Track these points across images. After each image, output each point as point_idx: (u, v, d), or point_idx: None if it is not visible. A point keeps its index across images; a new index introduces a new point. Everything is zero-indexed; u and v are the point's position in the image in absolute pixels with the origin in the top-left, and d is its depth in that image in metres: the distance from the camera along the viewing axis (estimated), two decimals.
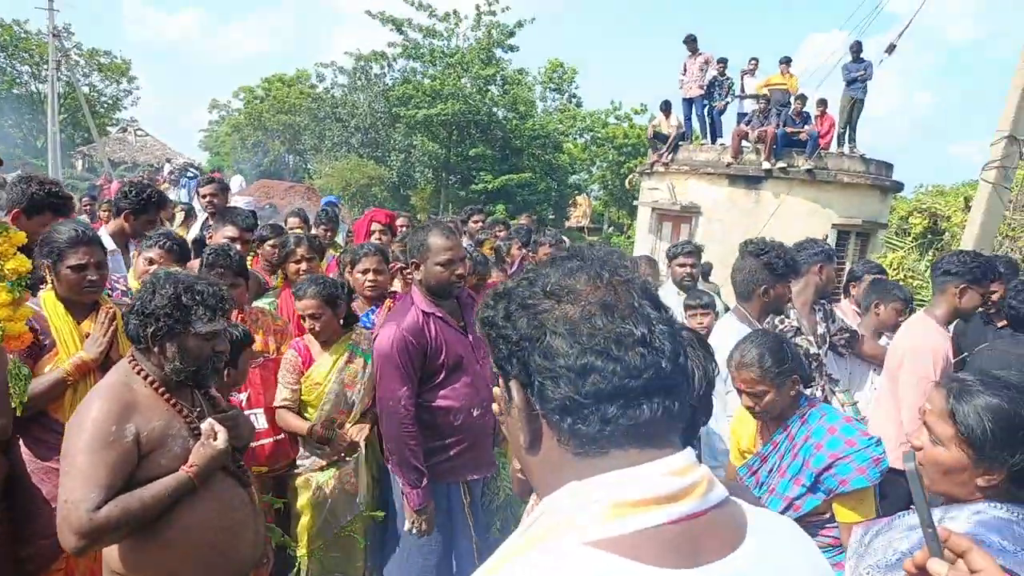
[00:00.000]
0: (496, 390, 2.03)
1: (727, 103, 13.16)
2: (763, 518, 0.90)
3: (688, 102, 13.43)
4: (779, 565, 0.86)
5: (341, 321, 3.45)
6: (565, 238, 7.07)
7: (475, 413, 3.16)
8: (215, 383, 2.37)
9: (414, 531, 3.11)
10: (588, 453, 0.83)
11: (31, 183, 3.28)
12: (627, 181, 18.33)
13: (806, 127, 12.07)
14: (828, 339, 3.90)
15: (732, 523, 0.84)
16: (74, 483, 1.96)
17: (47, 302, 2.79)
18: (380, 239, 4.86)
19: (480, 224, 6.75)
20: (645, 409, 0.81)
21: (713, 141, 13.37)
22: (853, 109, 12.57)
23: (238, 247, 3.75)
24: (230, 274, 3.37)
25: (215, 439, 2.15)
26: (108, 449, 1.98)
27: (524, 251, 6.61)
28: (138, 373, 2.16)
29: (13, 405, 2.23)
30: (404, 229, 6.14)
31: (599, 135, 32.81)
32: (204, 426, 2.16)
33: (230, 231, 3.99)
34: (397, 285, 4.36)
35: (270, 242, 4.48)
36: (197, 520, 2.11)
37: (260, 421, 3.33)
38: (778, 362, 2.43)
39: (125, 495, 1.99)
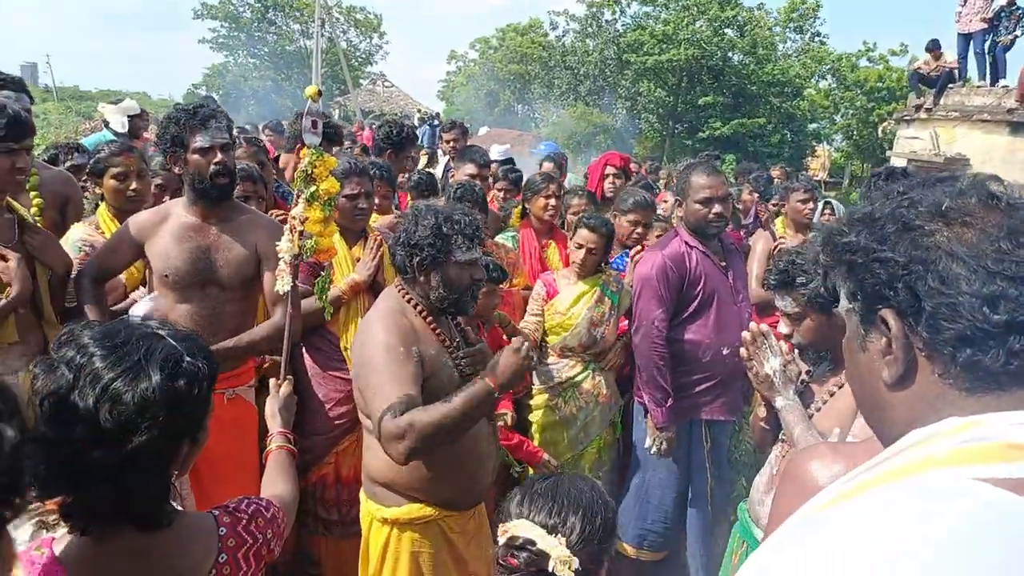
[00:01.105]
0: (788, 324, 1.95)
1: (1016, 37, 11.22)
2: None
3: (965, 38, 11.66)
4: None
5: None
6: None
7: (725, 352, 3.17)
8: (471, 311, 2.42)
9: (653, 449, 3.24)
10: (980, 389, 0.77)
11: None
12: (880, 129, 16.51)
13: None
14: None
15: None
16: (381, 402, 2.01)
17: None
18: (614, 183, 4.82)
19: None
20: None
21: (994, 83, 11.53)
22: None
23: (478, 183, 3.93)
24: (475, 208, 3.50)
25: (521, 351, 2.05)
26: (403, 366, 2.06)
27: (755, 197, 6.19)
28: (408, 301, 2.27)
29: (323, 305, 2.53)
30: (636, 175, 6.03)
31: (846, 79, 29.76)
32: (515, 341, 2.11)
33: (470, 168, 4.16)
34: None
35: (500, 184, 4.65)
36: (455, 447, 2.16)
37: None
38: None
39: (431, 405, 2.01)
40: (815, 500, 0.79)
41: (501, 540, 1.39)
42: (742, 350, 2.08)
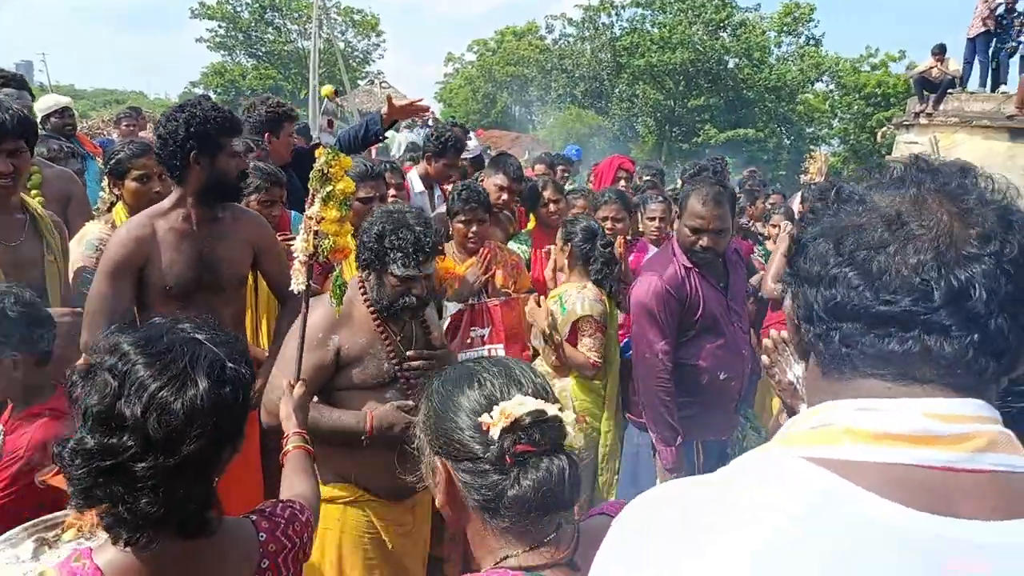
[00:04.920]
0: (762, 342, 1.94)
1: (1020, 43, 11.24)
2: None
3: (972, 42, 11.66)
4: None
5: None
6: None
7: (721, 376, 2.98)
8: (409, 319, 2.41)
9: None
10: (831, 375, 0.77)
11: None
12: (879, 134, 16.53)
13: None
14: None
15: (1013, 496, 0.68)
16: (278, 369, 2.23)
17: None
18: (624, 187, 4.84)
19: None
20: (894, 343, 0.71)
21: (995, 88, 11.58)
22: None
23: (505, 196, 3.87)
24: (481, 209, 3.40)
25: (403, 409, 2.24)
26: (311, 351, 2.19)
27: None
28: (361, 291, 2.35)
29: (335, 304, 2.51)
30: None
31: (845, 83, 29.85)
32: (401, 403, 2.26)
33: (500, 179, 4.02)
34: None
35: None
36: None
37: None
38: None
39: (318, 405, 2.23)
40: None
41: (495, 433, 1.05)
42: (763, 358, 2.05)
